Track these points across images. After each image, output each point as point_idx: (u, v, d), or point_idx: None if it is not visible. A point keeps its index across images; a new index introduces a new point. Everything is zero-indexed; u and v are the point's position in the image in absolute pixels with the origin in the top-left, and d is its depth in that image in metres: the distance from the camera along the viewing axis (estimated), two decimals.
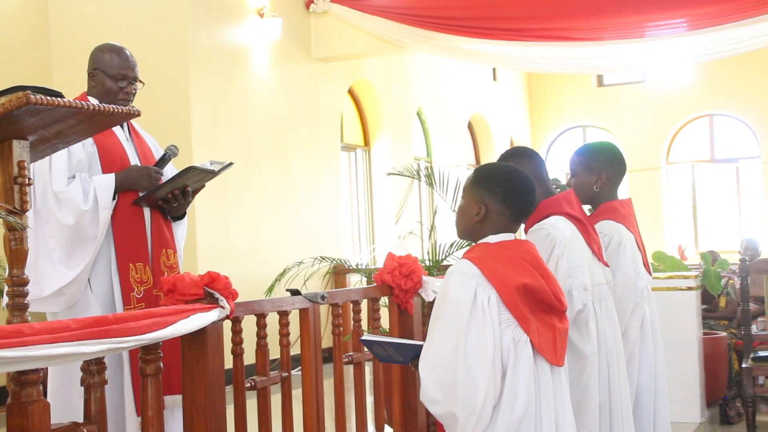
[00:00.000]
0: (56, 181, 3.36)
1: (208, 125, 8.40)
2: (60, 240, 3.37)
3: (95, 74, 3.59)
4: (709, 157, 15.24)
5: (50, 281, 3.33)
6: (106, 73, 3.56)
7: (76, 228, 3.36)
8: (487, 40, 9.66)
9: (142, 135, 3.77)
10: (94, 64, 3.61)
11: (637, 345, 3.62)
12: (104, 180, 3.43)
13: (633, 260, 3.62)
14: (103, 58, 3.59)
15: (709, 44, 8.97)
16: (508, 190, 2.61)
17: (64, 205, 3.35)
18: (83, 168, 3.46)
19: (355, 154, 11.59)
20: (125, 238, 3.49)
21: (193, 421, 3.03)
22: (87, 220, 3.36)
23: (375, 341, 2.87)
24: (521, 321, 2.49)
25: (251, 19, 9.11)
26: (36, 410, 2.33)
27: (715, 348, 6.44)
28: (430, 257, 6.32)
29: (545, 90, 15.98)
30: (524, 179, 2.65)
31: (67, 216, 3.35)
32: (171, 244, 3.64)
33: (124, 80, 3.57)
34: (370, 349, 2.91)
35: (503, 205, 2.61)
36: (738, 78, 14.24)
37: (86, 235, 3.38)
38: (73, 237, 3.37)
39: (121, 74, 3.56)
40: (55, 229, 3.36)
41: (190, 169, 3.53)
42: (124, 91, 3.57)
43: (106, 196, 3.40)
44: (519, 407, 2.46)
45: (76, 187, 3.38)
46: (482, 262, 2.52)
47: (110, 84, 3.56)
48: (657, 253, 7.18)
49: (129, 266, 3.47)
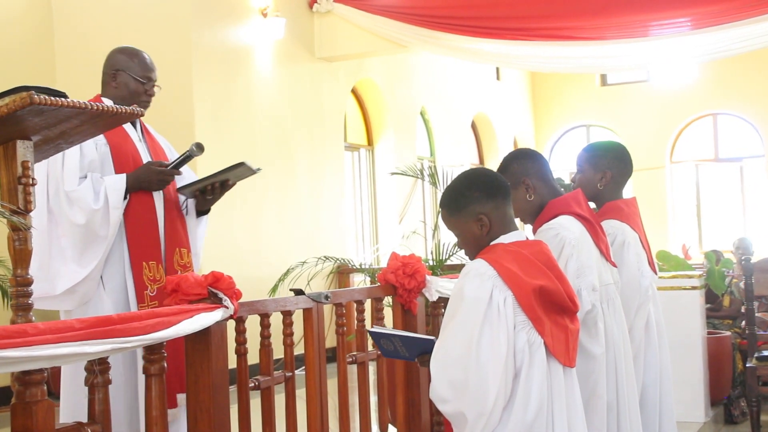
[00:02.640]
0: (68, 181, 3.40)
1: (212, 125, 8.40)
2: (72, 239, 3.40)
3: (118, 75, 3.63)
4: (713, 156, 15.22)
5: (62, 279, 3.37)
6: (131, 75, 3.62)
7: (87, 227, 3.39)
8: (491, 39, 9.65)
9: (154, 136, 3.81)
10: (116, 65, 3.65)
11: (642, 344, 3.61)
12: (115, 180, 3.46)
13: (637, 259, 3.61)
14: (127, 60, 3.64)
15: (713, 43, 8.96)
16: (483, 185, 2.63)
17: (75, 205, 3.38)
18: (95, 168, 3.49)
19: (359, 153, 11.59)
20: (138, 236, 3.51)
21: (197, 420, 3.03)
22: (98, 220, 3.39)
23: (383, 334, 2.85)
24: (536, 323, 2.49)
25: (254, 19, 9.11)
26: (40, 410, 2.33)
27: (720, 347, 6.43)
28: (434, 257, 6.32)
29: (549, 89, 15.97)
30: (475, 172, 2.74)
31: (78, 215, 3.38)
32: (185, 243, 3.66)
33: (149, 82, 3.65)
34: (377, 341, 2.89)
35: (493, 201, 2.62)
36: (742, 77, 14.22)
37: (97, 234, 3.40)
38: (85, 236, 3.40)
39: (146, 76, 3.64)
40: (67, 228, 3.40)
41: (240, 165, 3.61)
42: (148, 93, 3.65)
43: (117, 196, 3.43)
44: (532, 409, 2.46)
45: (87, 186, 3.41)
46: (498, 264, 2.52)
47: (135, 86, 3.62)
48: (661, 252, 7.18)
49: (142, 264, 3.49)
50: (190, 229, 3.75)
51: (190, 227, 3.75)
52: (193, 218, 3.78)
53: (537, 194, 3.23)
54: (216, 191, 3.65)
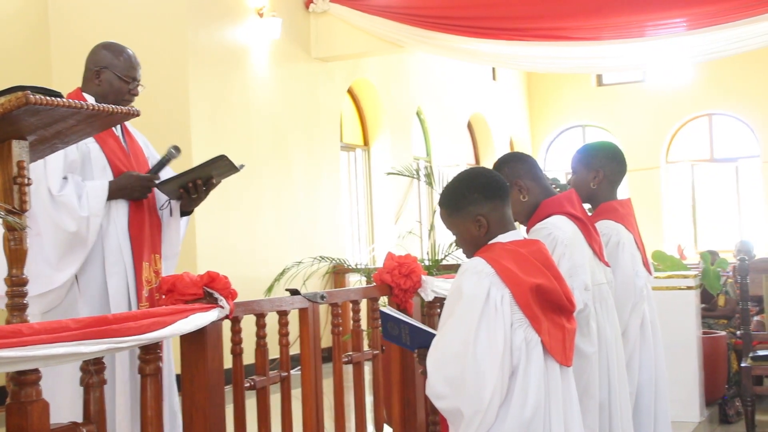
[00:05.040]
0: (52, 182, 3.33)
1: (208, 125, 8.40)
2: (54, 241, 3.33)
3: (102, 73, 3.57)
4: (709, 157, 15.25)
5: (37, 282, 3.23)
6: (116, 73, 3.55)
7: (77, 234, 3.34)
8: (487, 39, 9.66)
9: (133, 133, 3.74)
10: (100, 62, 3.58)
11: (637, 344, 3.63)
12: (96, 187, 3.40)
13: (632, 260, 3.63)
14: (112, 58, 3.57)
15: (709, 44, 8.97)
16: (482, 186, 2.64)
17: (62, 210, 3.33)
18: (75, 168, 3.43)
19: (355, 153, 11.59)
20: (140, 236, 3.49)
21: (192, 420, 3.04)
22: (84, 226, 3.35)
23: (393, 317, 2.86)
24: (533, 321, 2.50)
25: (251, 19, 9.11)
26: (35, 410, 2.33)
27: (715, 347, 6.45)
28: (430, 257, 6.33)
29: (545, 89, 15.98)
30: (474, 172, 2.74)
31: (67, 221, 3.32)
32: (159, 249, 3.61)
33: (133, 81, 3.59)
34: (383, 323, 2.90)
35: (492, 202, 2.62)
36: (737, 77, 14.24)
37: (82, 241, 3.36)
38: (71, 241, 3.34)
39: (131, 76, 3.57)
40: (48, 229, 3.33)
41: (220, 158, 3.49)
42: (131, 93, 3.59)
43: (99, 204, 3.38)
44: (529, 407, 2.46)
45: (71, 191, 3.35)
46: (496, 262, 2.53)
47: (119, 84, 3.56)
48: (656, 252, 7.19)
49: (143, 264, 3.47)
50: (170, 232, 3.66)
51: (171, 230, 3.67)
52: (177, 219, 3.69)
53: (531, 194, 3.25)
54: (200, 190, 3.54)
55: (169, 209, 3.67)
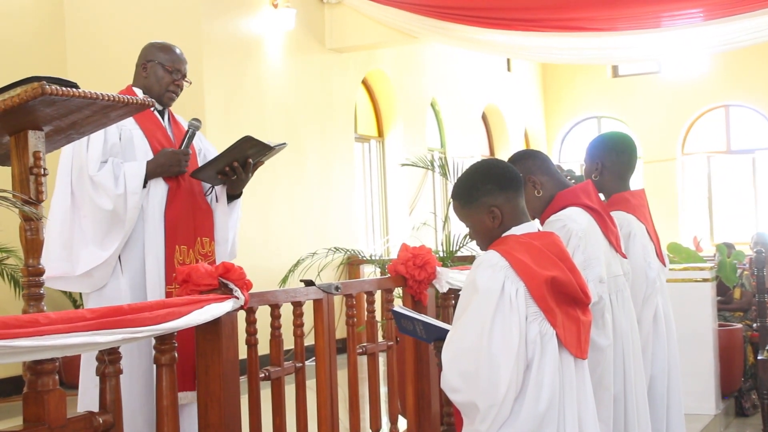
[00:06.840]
0: (91, 165, 3.43)
1: (222, 116, 8.41)
2: (94, 222, 3.43)
3: (148, 66, 3.68)
4: (725, 148, 15.16)
5: (82, 261, 3.41)
6: (162, 64, 3.67)
7: (114, 212, 3.42)
8: (501, 30, 9.62)
9: (180, 122, 3.83)
10: (147, 56, 3.71)
11: (650, 336, 3.61)
12: (134, 166, 3.49)
13: (643, 251, 3.60)
14: (158, 51, 3.71)
15: (725, 34, 8.91)
16: (495, 177, 2.62)
17: (99, 189, 3.42)
18: (116, 153, 3.52)
19: (369, 144, 11.58)
20: (176, 220, 3.54)
21: (207, 410, 3.05)
22: (121, 204, 3.42)
23: (405, 315, 2.86)
24: (548, 314, 2.49)
25: (265, 10, 9.10)
26: (52, 399, 2.34)
27: (731, 340, 6.42)
28: (444, 248, 6.31)
29: (560, 80, 15.92)
30: (488, 163, 2.72)
31: (104, 200, 3.42)
32: (208, 232, 3.66)
33: (177, 73, 3.69)
34: (397, 320, 2.90)
35: (505, 193, 2.61)
36: (754, 68, 14.14)
37: (120, 219, 3.43)
38: (110, 220, 3.43)
39: (175, 68, 3.69)
40: (89, 210, 3.43)
41: (245, 140, 3.56)
42: (176, 83, 3.70)
43: (137, 182, 3.46)
44: (544, 400, 2.46)
45: (108, 171, 3.44)
46: (510, 255, 2.52)
47: (163, 74, 3.67)
48: (672, 244, 7.15)
49: (175, 248, 3.52)
50: (219, 218, 3.72)
51: (218, 215, 3.72)
52: (223, 205, 3.74)
53: (545, 189, 3.24)
54: (239, 172, 3.60)
55: (214, 195, 3.74)
